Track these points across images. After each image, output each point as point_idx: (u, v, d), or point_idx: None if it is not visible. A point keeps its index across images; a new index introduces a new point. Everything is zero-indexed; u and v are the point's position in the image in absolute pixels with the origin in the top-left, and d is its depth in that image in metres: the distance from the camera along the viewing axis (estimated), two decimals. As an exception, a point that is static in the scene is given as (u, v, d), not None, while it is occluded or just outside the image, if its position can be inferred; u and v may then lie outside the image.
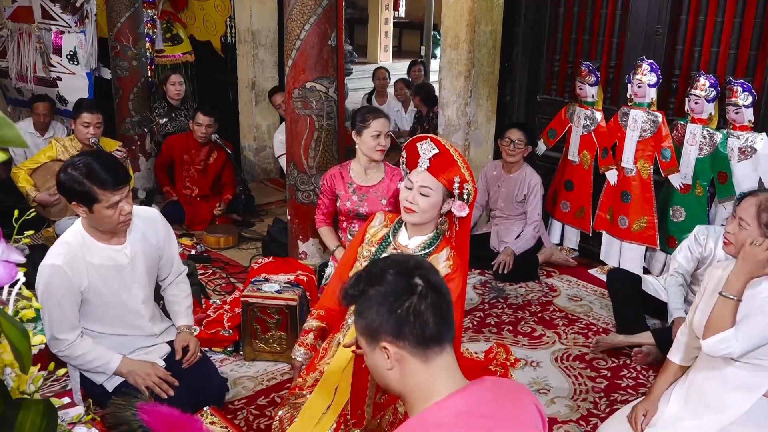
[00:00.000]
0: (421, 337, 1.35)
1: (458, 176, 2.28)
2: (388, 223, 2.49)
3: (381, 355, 1.39)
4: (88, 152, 2.53)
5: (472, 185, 2.30)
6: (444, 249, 2.34)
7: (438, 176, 2.29)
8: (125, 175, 2.43)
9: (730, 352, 2.10)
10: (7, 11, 5.93)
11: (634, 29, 4.11)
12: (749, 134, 3.63)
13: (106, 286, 2.47)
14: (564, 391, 3.08)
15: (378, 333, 1.38)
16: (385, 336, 1.36)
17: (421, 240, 2.36)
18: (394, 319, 1.35)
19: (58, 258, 2.37)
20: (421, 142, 2.32)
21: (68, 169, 2.38)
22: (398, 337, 1.36)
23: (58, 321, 2.40)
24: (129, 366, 2.54)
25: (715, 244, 3.26)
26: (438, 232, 2.36)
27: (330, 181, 3.47)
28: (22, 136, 0.90)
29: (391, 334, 1.36)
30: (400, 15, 16.63)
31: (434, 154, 2.28)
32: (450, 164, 2.28)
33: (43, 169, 4.32)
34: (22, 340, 1.04)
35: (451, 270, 2.29)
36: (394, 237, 2.42)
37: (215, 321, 3.38)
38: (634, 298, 3.55)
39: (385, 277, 1.39)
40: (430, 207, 2.30)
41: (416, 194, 2.29)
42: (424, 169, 2.30)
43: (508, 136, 4.27)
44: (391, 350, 1.36)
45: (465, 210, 2.32)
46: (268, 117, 6.25)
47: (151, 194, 5.35)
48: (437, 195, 2.30)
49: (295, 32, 3.45)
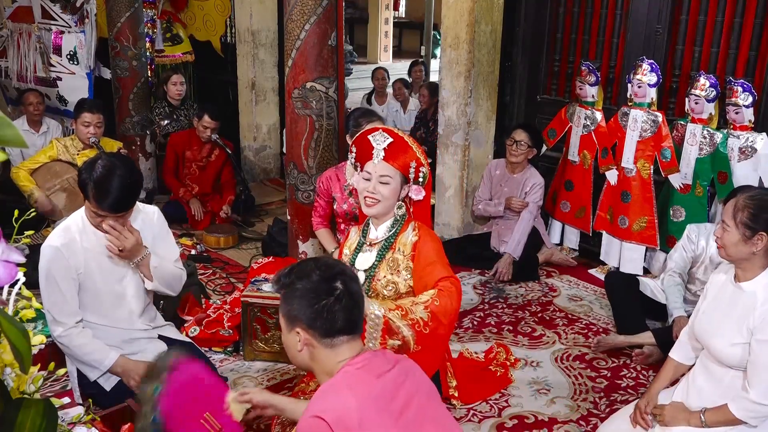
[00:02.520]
0: (329, 330, 1.68)
1: (414, 161, 2.39)
2: (359, 230, 2.61)
3: (294, 337, 1.72)
4: (109, 160, 2.46)
5: (426, 168, 2.41)
6: (409, 225, 2.49)
7: (394, 163, 2.39)
8: (121, 202, 2.39)
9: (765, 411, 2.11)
10: (7, 11, 5.93)
11: (634, 29, 4.11)
12: (749, 134, 3.63)
13: (99, 272, 2.53)
14: (564, 391, 3.08)
15: (295, 320, 1.71)
16: (300, 323, 1.70)
17: (385, 226, 2.50)
18: (310, 311, 1.68)
19: (57, 240, 2.46)
20: (373, 134, 2.41)
21: (92, 162, 2.43)
22: (310, 327, 1.69)
23: (58, 304, 2.47)
24: (124, 365, 2.55)
25: (706, 242, 3.31)
26: (395, 217, 2.49)
27: (326, 183, 3.47)
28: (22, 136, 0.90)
29: (305, 323, 1.69)
30: (400, 15, 16.64)
31: (389, 143, 2.37)
32: (404, 150, 2.38)
33: (43, 169, 4.31)
34: (22, 340, 1.04)
35: (418, 237, 2.45)
36: (365, 237, 2.56)
37: (215, 321, 3.37)
38: (633, 300, 3.55)
39: (312, 276, 1.70)
40: (391, 194, 2.42)
41: (376, 184, 2.40)
42: (381, 159, 2.39)
43: (513, 136, 4.28)
44: (302, 336, 1.70)
45: (422, 193, 2.45)
46: (268, 117, 6.26)
47: (151, 194, 5.34)
48: (396, 182, 2.42)
49: (295, 32, 3.44)
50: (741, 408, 2.12)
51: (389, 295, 2.46)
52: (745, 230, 2.12)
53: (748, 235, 2.11)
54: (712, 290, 2.35)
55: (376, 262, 2.49)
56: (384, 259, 2.48)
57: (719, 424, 2.18)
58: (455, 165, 4.62)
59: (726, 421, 2.16)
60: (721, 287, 2.30)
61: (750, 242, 2.12)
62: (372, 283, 2.48)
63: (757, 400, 2.08)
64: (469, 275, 4.30)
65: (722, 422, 2.17)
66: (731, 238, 2.14)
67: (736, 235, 2.13)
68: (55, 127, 5.36)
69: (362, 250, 2.55)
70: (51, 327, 2.51)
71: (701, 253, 3.34)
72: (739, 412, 2.12)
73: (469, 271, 4.34)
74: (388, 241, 2.49)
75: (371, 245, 2.53)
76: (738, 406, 2.12)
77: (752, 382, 2.09)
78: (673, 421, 2.28)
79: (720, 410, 2.18)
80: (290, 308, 1.71)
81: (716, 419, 2.19)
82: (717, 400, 2.21)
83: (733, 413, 2.13)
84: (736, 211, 2.14)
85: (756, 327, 2.09)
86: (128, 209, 2.45)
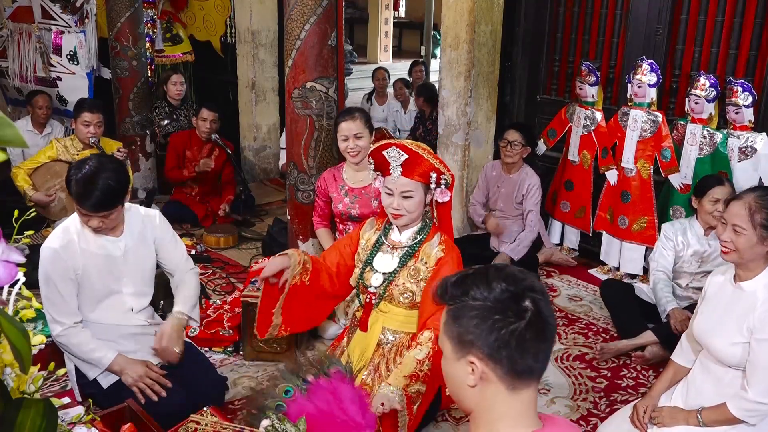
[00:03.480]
0: (516, 365, 1.24)
1: (433, 171, 2.38)
2: (379, 225, 2.58)
3: (465, 368, 1.27)
4: (101, 160, 2.50)
5: (448, 173, 2.40)
6: (435, 235, 2.47)
7: (414, 177, 2.38)
8: (103, 204, 2.40)
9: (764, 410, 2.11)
10: (7, 11, 5.93)
11: (634, 29, 4.11)
12: (749, 134, 3.63)
13: (96, 272, 2.54)
14: (564, 391, 3.08)
15: (471, 346, 1.25)
16: (477, 352, 1.24)
17: (412, 231, 2.49)
18: (493, 338, 1.23)
19: (55, 241, 2.48)
20: (387, 150, 2.37)
21: (76, 165, 2.45)
22: (491, 358, 1.24)
23: (56, 304, 2.49)
24: (122, 364, 2.55)
25: (683, 235, 3.41)
26: (425, 221, 2.49)
27: (324, 183, 3.48)
28: (22, 136, 0.90)
29: (485, 352, 1.24)
30: (400, 15, 16.63)
31: (404, 159, 2.35)
32: (421, 163, 2.36)
33: (43, 168, 4.32)
34: (22, 340, 1.04)
35: (444, 253, 2.43)
36: (386, 237, 2.53)
37: (215, 321, 3.38)
38: (630, 303, 3.58)
39: (494, 288, 1.25)
40: (416, 206, 2.42)
41: (399, 199, 2.39)
42: (399, 174, 2.37)
43: (505, 137, 4.27)
44: (479, 368, 1.25)
45: (447, 195, 2.44)
46: (268, 117, 6.25)
47: (151, 194, 5.34)
48: (419, 193, 2.41)
49: (295, 32, 3.44)
50: (739, 407, 2.12)
51: (404, 302, 2.46)
52: (762, 231, 2.12)
53: (765, 235, 2.12)
54: (710, 291, 2.35)
55: (398, 268, 2.47)
56: (405, 266, 2.46)
57: (718, 423, 2.18)
58: (455, 165, 4.62)
59: (725, 420, 2.17)
60: (720, 288, 2.30)
61: (766, 242, 2.12)
62: (389, 286, 2.47)
63: (756, 398, 2.08)
64: (469, 275, 4.29)
65: (721, 421, 2.18)
66: (748, 240, 2.13)
67: (753, 237, 2.12)
68: (58, 128, 5.36)
69: (382, 250, 2.52)
70: (50, 326, 2.54)
71: (682, 248, 3.43)
72: (737, 411, 2.12)
73: (469, 271, 4.33)
74: (412, 248, 2.47)
75: (393, 248, 2.50)
76: (736, 405, 2.13)
77: (751, 381, 2.10)
78: (672, 422, 2.28)
79: (718, 409, 2.18)
80: (463, 329, 1.26)
81: (715, 418, 2.19)
82: (716, 399, 2.21)
83: (731, 412, 2.14)
84: (753, 213, 2.13)
85: (756, 326, 2.09)
86: (110, 209, 2.43)
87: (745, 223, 2.13)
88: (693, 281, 3.45)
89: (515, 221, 4.39)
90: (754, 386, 2.09)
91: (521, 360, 1.23)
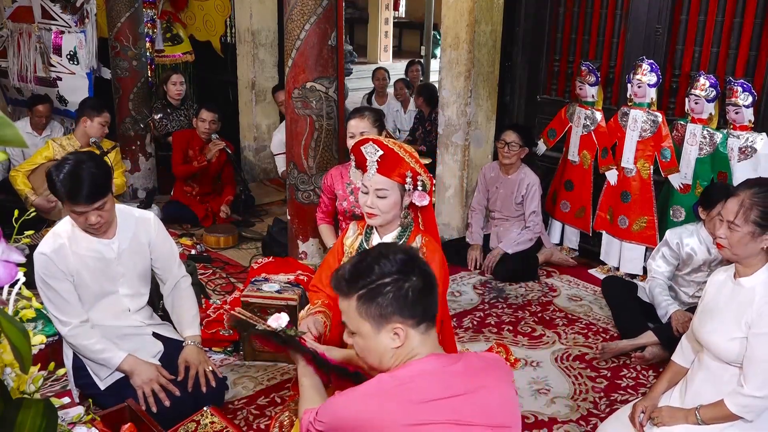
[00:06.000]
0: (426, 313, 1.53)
1: (409, 171, 2.29)
2: (361, 230, 2.53)
3: (389, 336, 1.52)
4: (78, 155, 2.50)
5: (425, 176, 2.32)
6: (416, 238, 2.39)
7: (390, 175, 2.30)
8: (94, 193, 2.39)
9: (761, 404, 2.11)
10: (7, 11, 5.93)
11: (634, 29, 4.11)
12: (749, 134, 3.63)
13: (90, 274, 2.54)
14: (564, 391, 3.08)
15: (391, 316, 1.51)
16: (398, 318, 1.51)
17: (392, 235, 2.41)
18: (410, 301, 1.50)
19: (46, 247, 2.47)
20: (365, 145, 2.31)
21: (55, 167, 2.43)
22: (412, 318, 1.51)
23: (59, 306, 2.50)
24: (133, 365, 2.55)
25: (690, 239, 3.36)
26: (402, 226, 2.39)
27: (330, 180, 3.48)
28: (22, 136, 0.90)
29: (405, 315, 1.50)
30: (400, 15, 16.63)
31: (380, 155, 2.29)
32: (397, 162, 2.29)
33: (41, 170, 4.31)
34: (22, 340, 1.04)
35: (425, 255, 2.34)
36: (367, 241, 2.47)
37: (215, 321, 3.38)
38: (631, 302, 3.58)
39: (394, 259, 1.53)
40: (390, 207, 2.33)
41: (373, 198, 2.32)
42: (375, 172, 2.31)
43: (503, 138, 4.27)
44: (404, 330, 1.51)
45: (425, 199, 2.34)
46: (268, 117, 6.26)
47: (152, 194, 5.35)
48: (394, 193, 2.32)
49: (295, 32, 3.44)
50: (736, 402, 2.12)
51: None
52: (755, 228, 2.12)
53: (759, 232, 2.12)
54: (711, 289, 2.35)
55: None
56: None
57: (716, 420, 2.19)
58: (455, 165, 4.62)
59: (722, 417, 2.17)
60: (720, 285, 2.31)
61: (760, 238, 2.12)
62: None
63: (752, 393, 2.08)
64: (469, 275, 4.30)
65: (719, 418, 2.18)
66: (741, 237, 2.14)
67: (746, 234, 2.13)
68: (57, 129, 5.36)
69: None
70: (58, 327, 2.55)
71: (690, 254, 3.38)
72: (734, 407, 2.13)
73: (469, 272, 4.34)
74: None
75: None
76: (733, 401, 2.13)
77: (747, 375, 2.10)
78: (671, 421, 2.28)
79: (716, 406, 2.18)
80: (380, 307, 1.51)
81: (712, 415, 2.19)
82: (715, 398, 2.21)
83: (728, 408, 2.14)
84: (747, 210, 2.13)
85: (753, 321, 2.10)
86: (103, 197, 2.41)
87: (738, 219, 2.14)
88: (699, 291, 3.44)
89: (515, 222, 4.39)
90: (751, 380, 2.09)
91: (430, 307, 1.54)
